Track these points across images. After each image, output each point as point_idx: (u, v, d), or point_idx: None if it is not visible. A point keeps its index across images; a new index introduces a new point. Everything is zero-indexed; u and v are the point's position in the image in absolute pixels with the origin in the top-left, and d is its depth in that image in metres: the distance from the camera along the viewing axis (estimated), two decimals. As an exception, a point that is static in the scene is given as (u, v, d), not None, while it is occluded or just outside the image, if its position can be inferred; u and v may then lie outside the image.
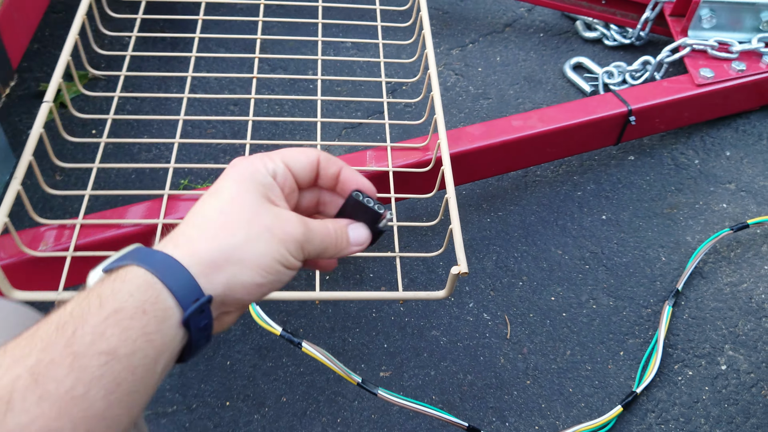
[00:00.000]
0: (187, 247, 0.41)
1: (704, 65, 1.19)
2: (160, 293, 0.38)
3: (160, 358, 0.38)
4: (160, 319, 0.38)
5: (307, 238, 0.44)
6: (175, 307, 0.39)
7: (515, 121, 1.05)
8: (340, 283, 1.05)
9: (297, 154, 0.47)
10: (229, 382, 0.94)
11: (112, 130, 1.23)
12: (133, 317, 0.37)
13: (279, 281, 0.43)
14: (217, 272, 0.40)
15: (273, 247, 0.42)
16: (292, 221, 0.44)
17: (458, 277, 0.70)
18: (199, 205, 0.44)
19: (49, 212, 1.11)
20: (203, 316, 0.40)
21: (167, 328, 0.38)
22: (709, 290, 1.05)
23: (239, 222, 0.42)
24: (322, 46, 1.41)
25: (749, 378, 0.96)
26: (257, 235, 0.42)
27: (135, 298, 0.37)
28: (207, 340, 0.42)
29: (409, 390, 0.94)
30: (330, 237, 0.47)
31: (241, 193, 0.43)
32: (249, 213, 0.42)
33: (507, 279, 1.06)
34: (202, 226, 0.42)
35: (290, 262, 0.43)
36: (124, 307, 0.37)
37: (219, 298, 0.41)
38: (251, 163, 0.45)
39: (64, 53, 0.88)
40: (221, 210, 0.42)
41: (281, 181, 0.46)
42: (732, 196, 1.18)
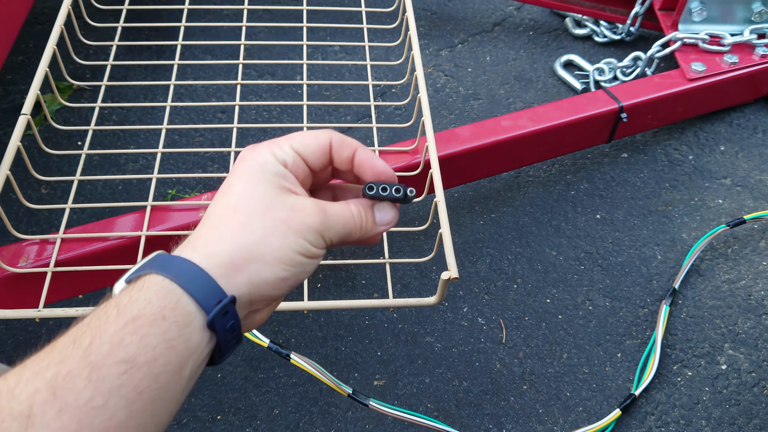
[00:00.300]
0: (204, 249, 0.40)
1: (696, 59, 1.18)
2: (180, 298, 0.37)
3: (185, 363, 0.37)
4: (181, 324, 0.37)
5: (327, 225, 0.43)
6: (197, 311, 0.38)
7: (505, 122, 1.03)
8: (332, 291, 1.03)
9: (307, 139, 0.45)
10: (219, 396, 0.92)
11: (97, 141, 1.22)
12: (152, 324, 0.36)
13: (304, 271, 0.43)
14: (237, 272, 0.40)
15: (291, 240, 0.41)
16: (307, 210, 0.42)
17: (449, 282, 0.68)
18: (213, 205, 0.43)
19: (35, 226, 1.09)
20: (228, 317, 0.39)
21: (190, 332, 0.38)
22: (706, 288, 1.03)
23: (253, 218, 0.41)
24: (310, 51, 1.39)
25: (750, 377, 0.94)
26: (273, 229, 0.41)
27: (153, 305, 0.37)
28: (238, 340, 0.42)
29: (403, 398, 0.92)
30: (353, 220, 0.45)
31: (253, 187, 0.42)
32: (263, 207, 0.41)
33: (501, 282, 1.04)
34: (217, 227, 0.41)
35: (311, 252, 0.42)
36: (142, 314, 0.36)
37: (245, 297, 0.40)
38: (259, 153, 0.44)
39: (42, 64, 0.86)
40: (234, 207, 0.41)
41: (293, 168, 0.44)
42: (728, 191, 1.16)
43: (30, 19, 1.43)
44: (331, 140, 0.46)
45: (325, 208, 0.44)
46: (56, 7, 0.92)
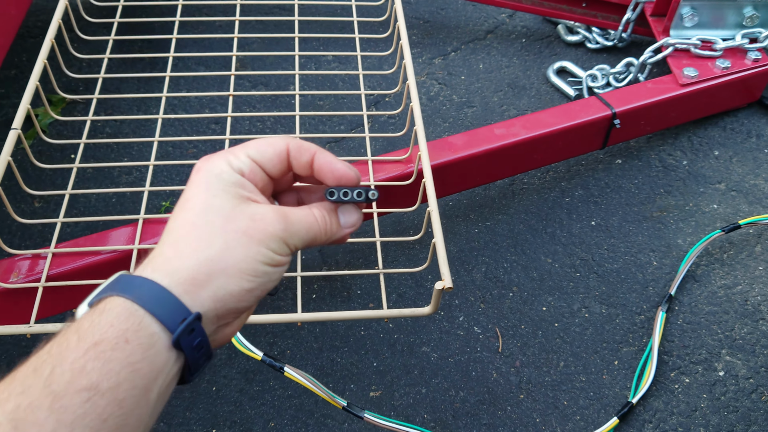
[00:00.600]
0: (165, 267, 0.39)
1: (688, 64, 1.18)
2: (143, 320, 0.37)
3: (151, 386, 0.36)
4: (145, 346, 0.36)
5: (289, 232, 0.42)
6: (161, 331, 0.37)
7: (498, 129, 1.03)
8: (327, 301, 1.02)
9: (263, 147, 0.44)
10: (215, 409, 0.91)
11: (90, 154, 1.22)
12: (114, 348, 0.35)
13: (270, 281, 0.42)
14: (201, 287, 0.39)
15: (253, 250, 0.40)
16: (268, 218, 0.42)
17: (443, 292, 0.68)
18: (172, 221, 0.42)
19: (28, 240, 1.08)
20: (195, 334, 0.38)
21: (155, 354, 0.37)
22: (702, 294, 1.03)
23: (213, 231, 0.40)
24: (303, 61, 1.39)
25: (748, 383, 0.93)
26: (235, 241, 0.40)
27: (115, 328, 0.36)
28: (207, 357, 0.41)
29: (400, 409, 0.91)
30: (316, 225, 0.45)
31: (210, 199, 0.41)
32: (222, 219, 0.41)
33: (497, 290, 1.04)
34: (178, 243, 0.40)
35: (276, 260, 0.42)
36: (104, 338, 0.35)
37: (211, 313, 0.39)
38: (215, 164, 0.43)
39: (32, 78, 0.86)
40: (193, 222, 0.41)
41: (250, 176, 0.43)
42: (722, 196, 1.16)
43: (23, 33, 1.43)
44: (288, 146, 0.45)
45: (287, 215, 0.43)
46: (49, 21, 0.92)
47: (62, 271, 0.78)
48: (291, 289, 1.03)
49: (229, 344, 0.97)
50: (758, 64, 1.19)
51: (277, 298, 1.02)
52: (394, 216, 1.13)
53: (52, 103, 1.29)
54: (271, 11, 1.48)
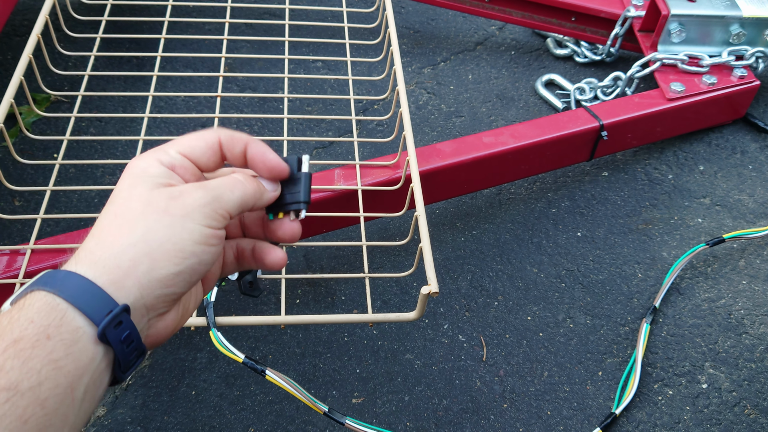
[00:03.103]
0: (88, 259, 0.38)
1: (675, 79, 1.19)
2: (65, 313, 0.35)
3: (77, 384, 0.35)
4: (68, 342, 0.35)
5: (214, 196, 0.41)
6: (86, 325, 0.36)
7: (486, 138, 1.03)
8: (311, 307, 1.01)
9: (194, 141, 0.44)
10: (194, 413, 0.89)
11: (74, 154, 1.20)
12: (35, 345, 0.34)
13: (201, 262, 0.40)
14: (126, 276, 0.37)
15: (178, 228, 0.39)
16: (187, 192, 0.41)
17: (429, 297, 0.67)
18: (99, 218, 0.41)
19: (7, 239, 1.06)
20: (123, 327, 0.37)
21: (79, 350, 0.35)
22: (686, 307, 1.03)
23: (133, 216, 0.39)
24: (292, 66, 1.39)
25: (731, 396, 0.93)
26: (155, 222, 0.39)
27: (36, 324, 0.34)
28: (140, 352, 0.39)
29: (382, 417, 0.90)
30: (240, 184, 0.44)
31: (131, 190, 0.40)
32: (142, 205, 0.39)
33: (482, 299, 1.03)
34: (100, 235, 0.39)
35: (206, 234, 0.40)
36: (24, 335, 0.34)
37: (139, 302, 0.38)
38: (142, 160, 0.42)
39: (17, 73, 0.85)
40: (115, 213, 0.40)
41: (181, 172, 0.43)
42: (707, 210, 1.17)
43: (8, 31, 1.41)
44: (219, 138, 0.45)
45: (206, 184, 0.42)
46: (36, 20, 0.91)
47: (41, 268, 0.77)
48: (275, 293, 1.02)
49: (210, 347, 0.95)
50: (744, 81, 1.20)
51: (260, 302, 1.01)
52: (380, 223, 1.12)
53: (37, 102, 1.27)
54: (261, 15, 1.48)
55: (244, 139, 0.45)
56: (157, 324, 0.41)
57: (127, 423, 0.88)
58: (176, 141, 0.44)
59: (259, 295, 0.73)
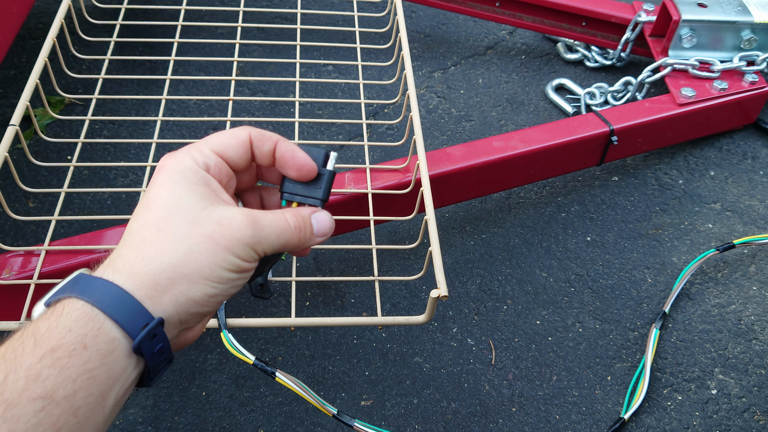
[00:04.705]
0: (126, 270, 0.38)
1: (685, 84, 1.19)
2: (103, 324, 0.36)
3: (108, 393, 0.36)
4: (103, 352, 0.35)
5: (258, 237, 0.41)
6: (122, 337, 0.36)
7: (496, 142, 1.03)
8: (320, 309, 1.02)
9: (226, 139, 0.44)
10: (204, 414, 0.90)
11: (88, 156, 1.21)
12: (71, 355, 0.34)
13: (234, 286, 0.41)
14: (163, 293, 0.38)
15: (219, 257, 0.39)
16: (235, 223, 0.40)
17: (438, 300, 0.67)
18: (134, 221, 0.41)
19: (21, 240, 1.08)
20: (157, 339, 0.38)
21: (113, 360, 0.36)
22: (696, 312, 1.03)
23: (178, 236, 0.39)
24: (303, 70, 1.40)
25: (741, 402, 0.93)
26: (200, 246, 0.39)
27: (73, 333, 0.35)
28: (168, 362, 0.40)
29: (391, 419, 0.90)
30: (288, 230, 0.43)
31: (176, 201, 0.40)
32: (188, 223, 0.39)
33: (491, 303, 1.04)
34: (140, 246, 0.39)
35: (241, 267, 0.41)
36: (61, 344, 0.34)
37: (173, 318, 0.39)
38: (180, 161, 0.42)
39: (33, 75, 0.86)
40: (158, 226, 0.39)
41: (215, 172, 0.43)
42: (717, 215, 1.16)
43: (23, 34, 1.43)
44: (250, 135, 0.45)
45: (257, 220, 0.42)
46: (50, 23, 0.92)
47: (55, 269, 0.78)
48: (285, 295, 1.03)
49: (221, 349, 0.96)
50: (755, 86, 1.20)
51: (271, 304, 1.01)
52: (390, 226, 1.13)
53: (51, 104, 1.29)
54: (273, 19, 1.48)
55: (274, 137, 0.46)
56: (185, 334, 0.42)
57: (138, 423, 0.89)
58: (208, 138, 0.44)
59: (269, 297, 0.74)
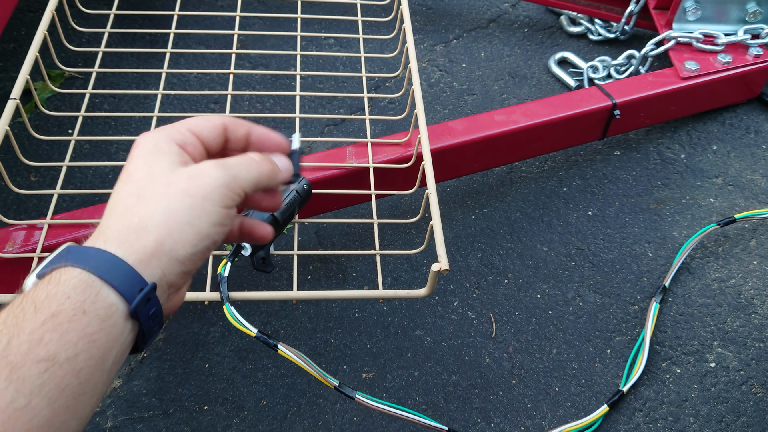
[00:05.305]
0: (116, 238, 0.40)
1: (689, 58, 1.18)
2: (100, 291, 0.37)
3: (107, 355, 0.37)
4: (102, 317, 0.37)
5: (231, 175, 0.43)
6: (119, 302, 0.38)
7: (498, 116, 1.03)
8: (322, 283, 1.02)
9: (202, 122, 0.46)
10: (207, 386, 0.91)
11: (89, 130, 1.21)
12: (72, 320, 0.36)
13: (215, 242, 0.43)
14: (152, 257, 0.40)
15: (197, 209, 0.41)
16: (207, 171, 0.42)
17: (439, 274, 0.68)
18: (116, 194, 0.42)
19: (23, 214, 1.08)
20: (151, 303, 0.39)
21: (112, 325, 0.37)
22: (696, 286, 1.04)
23: (157, 199, 0.41)
24: (304, 43, 1.39)
25: (739, 375, 0.94)
26: (177, 203, 0.41)
27: (72, 300, 0.36)
28: (159, 326, 0.42)
29: (392, 391, 0.91)
30: (255, 164, 0.45)
31: (151, 169, 0.42)
32: (163, 186, 0.41)
33: (492, 277, 1.04)
34: (125, 215, 0.41)
35: (222, 215, 0.42)
36: (61, 310, 0.36)
37: (163, 281, 0.40)
38: (155, 137, 0.44)
39: (32, 49, 0.85)
40: (138, 194, 0.41)
41: (191, 149, 0.45)
42: (719, 190, 1.16)
43: (22, 7, 1.42)
44: (224, 120, 0.47)
45: (225, 162, 0.43)
46: (49, -7, 0.91)
47: (58, 242, 0.78)
48: (287, 269, 1.03)
49: (223, 322, 0.97)
50: (759, 60, 1.19)
51: (272, 278, 1.02)
52: (392, 201, 1.13)
53: (51, 78, 1.28)
54: (273, -7, 1.47)
55: (246, 123, 0.48)
56: (173, 298, 0.44)
57: (143, 394, 0.90)
58: (186, 120, 0.46)
59: (271, 270, 0.74)
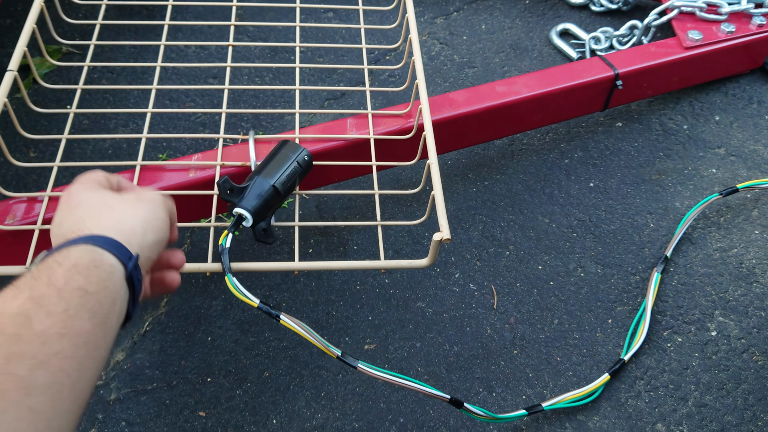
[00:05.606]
0: (99, 227, 0.50)
1: (692, 28, 1.16)
2: (104, 255, 0.47)
3: (116, 301, 0.47)
4: (108, 272, 0.47)
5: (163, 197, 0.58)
6: (118, 263, 0.48)
7: (500, 87, 1.02)
8: (323, 256, 1.02)
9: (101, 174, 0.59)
10: (210, 358, 0.92)
11: (87, 106, 1.20)
12: (89, 269, 0.45)
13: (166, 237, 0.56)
14: (131, 239, 0.50)
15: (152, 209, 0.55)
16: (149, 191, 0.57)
17: (441, 244, 0.67)
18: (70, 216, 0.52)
19: (23, 189, 1.08)
20: (137, 271, 0.50)
21: (116, 280, 0.47)
22: (698, 256, 1.04)
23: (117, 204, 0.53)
24: (303, 16, 1.37)
25: (740, 344, 0.94)
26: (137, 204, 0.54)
27: (85, 259, 0.46)
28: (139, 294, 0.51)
29: (394, 362, 0.92)
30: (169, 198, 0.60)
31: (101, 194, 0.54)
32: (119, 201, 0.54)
33: (493, 249, 1.04)
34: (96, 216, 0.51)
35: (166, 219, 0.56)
36: (79, 262, 0.45)
37: (141, 258, 0.51)
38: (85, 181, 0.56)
39: (29, 21, 0.84)
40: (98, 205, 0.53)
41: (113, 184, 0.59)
42: (721, 160, 1.16)
43: (18, -19, 1.40)
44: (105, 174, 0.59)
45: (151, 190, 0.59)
46: (43, -36, 0.90)
47: (59, 215, 0.78)
48: (288, 242, 1.03)
49: (225, 295, 0.97)
50: (763, 29, 1.18)
51: (274, 251, 1.02)
52: (392, 174, 1.12)
53: (49, 53, 1.27)
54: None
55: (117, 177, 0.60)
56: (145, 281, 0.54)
57: (146, 367, 0.90)
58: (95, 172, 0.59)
59: (273, 242, 0.74)
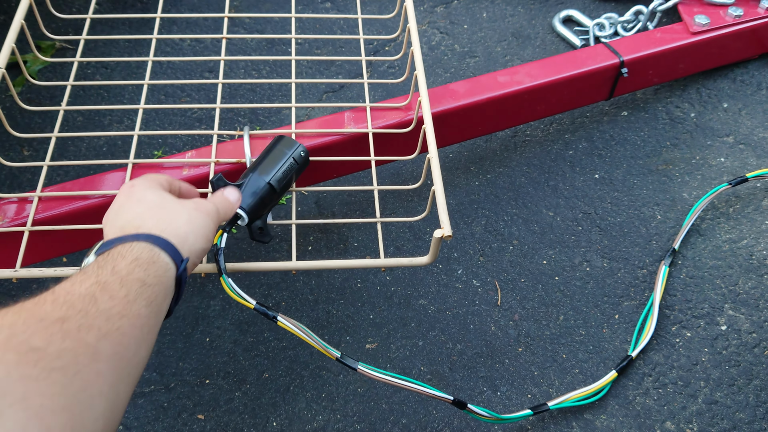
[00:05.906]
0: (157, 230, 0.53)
1: (699, 12, 1.13)
2: (160, 254, 0.51)
3: (167, 295, 0.51)
4: (163, 269, 0.51)
5: (216, 207, 0.60)
6: (171, 263, 0.52)
7: (501, 77, 0.99)
8: (323, 254, 1.00)
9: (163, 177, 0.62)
10: (208, 360, 0.90)
11: (81, 101, 1.18)
12: (148, 263, 0.50)
13: (209, 246, 0.59)
14: (183, 244, 0.54)
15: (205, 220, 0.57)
16: (204, 202, 0.60)
17: (442, 240, 0.65)
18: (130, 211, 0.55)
19: (17, 188, 1.06)
20: (185, 273, 0.53)
21: (169, 278, 0.52)
22: (707, 248, 1.01)
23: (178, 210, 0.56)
24: (300, 8, 1.34)
25: (751, 338, 0.92)
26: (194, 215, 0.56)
27: (146, 254, 0.50)
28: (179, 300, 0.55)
29: (396, 361, 0.90)
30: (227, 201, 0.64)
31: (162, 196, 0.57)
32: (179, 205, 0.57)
33: (497, 243, 1.02)
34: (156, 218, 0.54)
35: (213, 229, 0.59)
36: (140, 257, 0.50)
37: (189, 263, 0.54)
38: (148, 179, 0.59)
39: (17, 16, 0.82)
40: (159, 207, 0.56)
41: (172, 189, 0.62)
42: (730, 149, 1.13)
43: (9, -24, 1.38)
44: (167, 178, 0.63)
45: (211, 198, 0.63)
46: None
47: (49, 216, 0.76)
48: (286, 240, 1.01)
49: (223, 295, 0.95)
50: (772, 13, 1.15)
51: (272, 249, 1.00)
52: (392, 168, 1.10)
53: (42, 50, 1.25)
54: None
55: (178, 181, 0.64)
56: None
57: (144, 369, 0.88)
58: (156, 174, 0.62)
59: (269, 240, 0.72)
